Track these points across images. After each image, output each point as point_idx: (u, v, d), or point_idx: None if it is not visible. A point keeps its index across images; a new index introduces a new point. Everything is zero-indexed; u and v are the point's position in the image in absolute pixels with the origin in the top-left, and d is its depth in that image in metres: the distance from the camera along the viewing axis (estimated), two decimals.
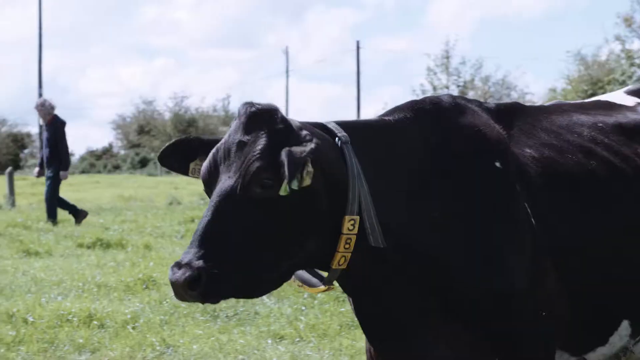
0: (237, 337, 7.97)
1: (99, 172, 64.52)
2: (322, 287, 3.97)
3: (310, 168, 3.64)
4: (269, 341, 7.88)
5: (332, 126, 3.95)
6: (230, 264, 3.65)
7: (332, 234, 3.80)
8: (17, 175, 26.77)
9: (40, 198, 22.18)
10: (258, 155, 3.68)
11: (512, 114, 4.32)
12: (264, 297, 9.50)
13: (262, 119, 3.77)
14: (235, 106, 74.52)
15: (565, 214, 4.09)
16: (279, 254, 3.73)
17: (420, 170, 3.97)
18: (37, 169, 19.12)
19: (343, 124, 3.98)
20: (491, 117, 4.24)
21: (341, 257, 3.82)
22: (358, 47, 65.35)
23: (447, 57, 54.99)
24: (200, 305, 9.10)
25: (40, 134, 18.53)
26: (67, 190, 32.94)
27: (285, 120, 3.79)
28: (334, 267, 3.83)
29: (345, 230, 3.79)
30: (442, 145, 4.04)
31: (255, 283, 3.75)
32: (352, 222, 3.80)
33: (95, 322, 8.45)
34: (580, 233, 4.09)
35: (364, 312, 4.08)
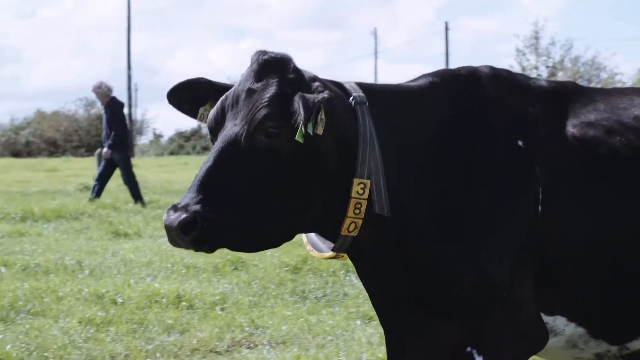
0: (326, 318, 7.90)
1: (187, 153, 65.30)
2: (330, 254, 3.86)
3: (323, 116, 3.53)
4: (358, 322, 7.80)
5: (350, 86, 3.82)
6: (229, 211, 3.53)
7: (344, 197, 3.68)
8: None
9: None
10: (266, 103, 3.58)
11: (565, 93, 4.12)
12: (353, 277, 9.43)
13: (274, 68, 3.67)
14: None
15: (593, 200, 3.88)
16: (282, 208, 3.61)
17: (441, 141, 3.84)
18: (105, 150, 19.35)
19: (363, 86, 3.86)
20: (535, 93, 4.05)
21: (351, 223, 3.69)
22: (447, 28, 64.89)
23: (536, 38, 54.34)
24: (289, 286, 9.12)
25: (128, 115, 18.94)
26: (157, 172, 33.37)
27: (297, 70, 3.70)
28: (342, 232, 3.71)
29: (354, 194, 3.67)
30: (468, 117, 3.89)
31: (253, 234, 3.61)
32: (361, 185, 3.67)
33: (184, 303, 8.47)
34: (605, 220, 3.89)
35: (366, 282, 3.96)
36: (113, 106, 18.72)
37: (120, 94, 18.94)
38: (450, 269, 3.75)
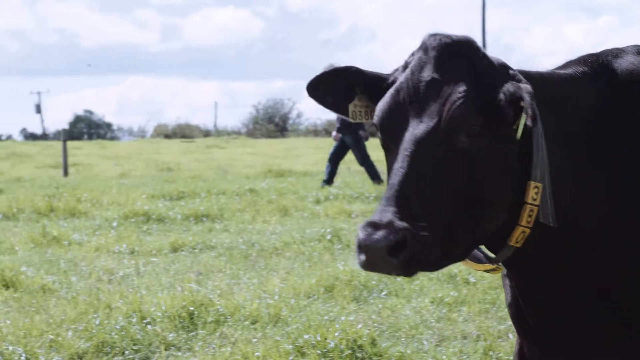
0: None
1: None
2: (489, 265, 3.60)
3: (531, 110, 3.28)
4: None
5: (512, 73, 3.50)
6: (434, 226, 3.24)
7: (516, 202, 3.42)
8: None
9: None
10: (463, 97, 3.29)
11: None
12: None
13: (459, 54, 3.38)
14: None
15: None
16: (477, 218, 3.36)
17: (598, 135, 3.55)
18: (334, 133, 19.89)
19: (522, 73, 3.52)
20: None
21: (521, 233, 3.44)
22: None
23: None
24: None
25: None
26: None
27: (486, 56, 3.41)
28: (511, 243, 3.46)
29: (529, 199, 3.39)
30: (625, 105, 3.55)
31: (450, 251, 3.34)
32: (536, 190, 3.38)
33: None
34: None
35: (523, 301, 3.70)
36: None
37: None
38: (618, 276, 3.54)
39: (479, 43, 3.44)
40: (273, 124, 70.13)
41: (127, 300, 8.18)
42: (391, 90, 3.45)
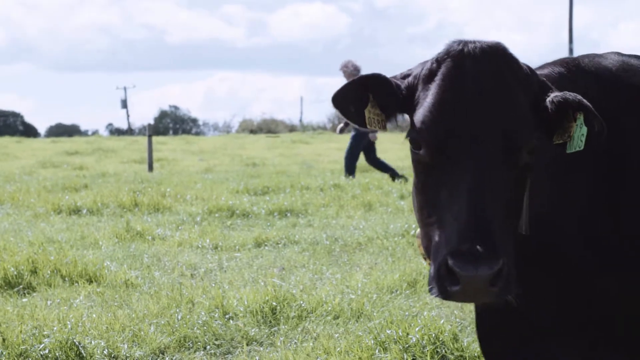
0: None
1: None
2: None
3: None
4: None
5: None
6: (511, 248, 3.17)
7: None
8: None
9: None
10: (522, 112, 3.19)
11: None
12: None
13: (498, 62, 3.24)
14: None
15: None
16: (514, 235, 3.28)
17: None
18: (340, 126, 20.67)
19: None
20: None
21: None
22: None
23: None
24: None
25: None
26: None
27: (519, 62, 3.31)
28: None
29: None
30: (602, 110, 3.40)
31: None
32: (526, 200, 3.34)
33: None
34: None
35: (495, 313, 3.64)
36: None
37: None
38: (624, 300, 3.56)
39: (568, 37, 3.46)
40: None
41: (210, 295, 8.28)
42: (431, 103, 3.30)
